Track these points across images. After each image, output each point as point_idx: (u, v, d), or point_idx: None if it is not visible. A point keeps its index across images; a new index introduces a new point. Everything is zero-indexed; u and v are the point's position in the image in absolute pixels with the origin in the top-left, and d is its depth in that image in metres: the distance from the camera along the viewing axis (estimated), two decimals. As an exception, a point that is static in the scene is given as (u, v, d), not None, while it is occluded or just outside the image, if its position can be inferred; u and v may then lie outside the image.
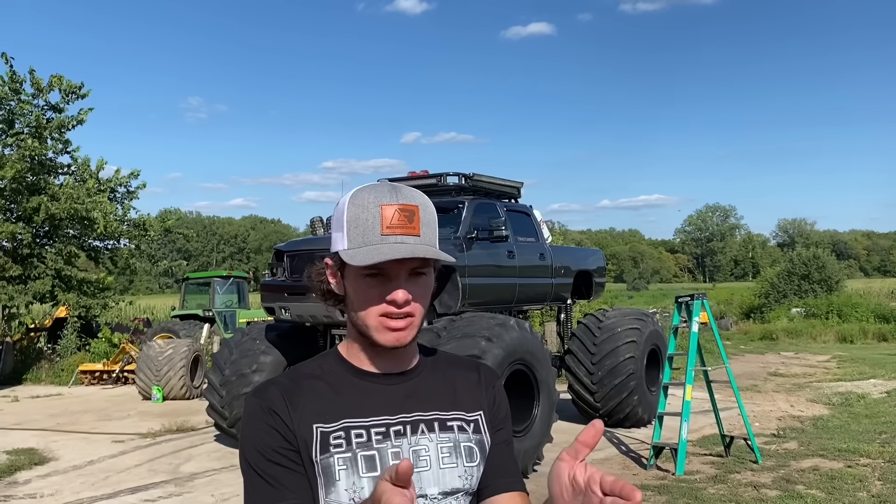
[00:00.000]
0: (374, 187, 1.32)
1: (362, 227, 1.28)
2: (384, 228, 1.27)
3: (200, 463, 8.16)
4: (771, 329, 26.36)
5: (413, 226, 1.28)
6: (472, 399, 1.41)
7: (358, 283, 1.31)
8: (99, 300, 17.59)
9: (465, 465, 1.34)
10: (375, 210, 1.28)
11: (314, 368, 1.38)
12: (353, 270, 1.30)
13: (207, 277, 19.36)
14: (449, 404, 1.38)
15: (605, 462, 7.96)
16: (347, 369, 1.37)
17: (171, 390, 12.77)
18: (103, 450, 8.90)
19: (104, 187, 18.31)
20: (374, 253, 1.25)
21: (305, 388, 1.33)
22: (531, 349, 7.46)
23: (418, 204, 1.31)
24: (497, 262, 8.77)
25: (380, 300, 1.29)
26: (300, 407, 1.30)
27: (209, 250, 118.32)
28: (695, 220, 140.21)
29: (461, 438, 1.35)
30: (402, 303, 1.28)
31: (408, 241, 1.27)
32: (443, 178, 9.07)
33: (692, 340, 7.76)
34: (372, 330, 1.30)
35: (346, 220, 1.30)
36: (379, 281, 1.29)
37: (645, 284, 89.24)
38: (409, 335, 1.31)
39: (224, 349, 9.01)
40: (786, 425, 9.64)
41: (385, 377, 1.35)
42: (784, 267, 35.50)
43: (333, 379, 1.35)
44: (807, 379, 14.50)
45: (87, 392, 14.40)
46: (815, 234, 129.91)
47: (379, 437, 1.29)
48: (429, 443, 1.32)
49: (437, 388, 1.39)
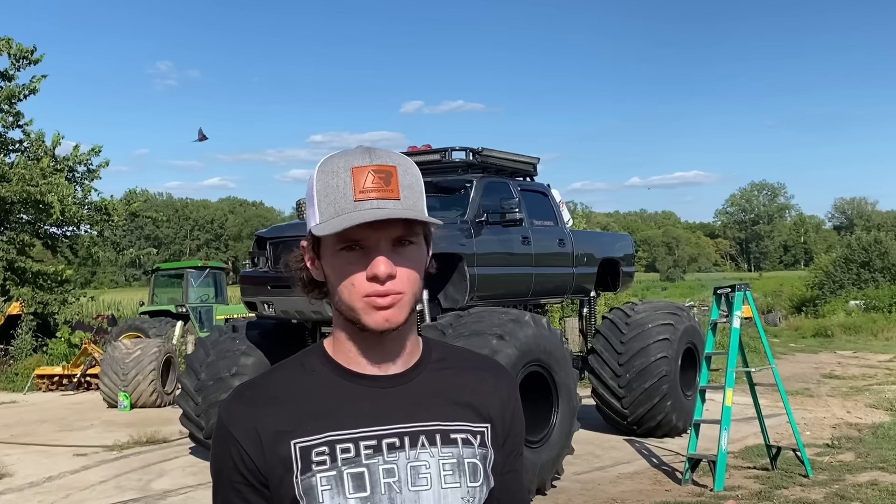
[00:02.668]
0: (344, 153, 1.30)
1: (332, 195, 1.26)
2: (357, 193, 1.25)
3: (174, 479, 8.23)
4: (825, 324, 26.32)
5: (391, 188, 1.26)
6: (482, 407, 1.39)
7: (336, 260, 1.28)
8: (57, 295, 17.69)
9: (469, 485, 1.32)
10: (346, 175, 1.26)
11: (295, 368, 1.37)
12: (328, 247, 1.29)
13: (180, 268, 19.44)
14: (453, 411, 1.35)
15: (635, 476, 8.00)
16: (334, 369, 1.34)
17: (139, 397, 12.84)
18: (63, 464, 8.98)
19: (61, 166, 18.37)
20: (348, 219, 1.22)
21: (282, 396, 1.32)
22: (549, 348, 7.48)
23: (396, 164, 1.28)
24: (510, 250, 8.78)
25: (361, 277, 1.26)
26: (272, 423, 1.29)
27: (182, 237, 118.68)
28: (738, 199, 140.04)
29: (465, 454, 1.33)
30: (384, 277, 1.24)
31: (386, 206, 1.24)
32: (448, 153, 9.07)
33: (733, 338, 7.77)
34: (359, 312, 1.27)
35: (315, 192, 1.29)
36: (358, 255, 1.27)
37: (681, 274, 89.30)
38: (399, 314, 1.27)
39: (199, 350, 9.05)
40: (841, 434, 9.66)
41: (379, 379, 1.33)
42: (841, 253, 35.43)
43: (317, 381, 1.33)
44: (866, 381, 14.50)
45: (44, 399, 14.49)
46: (878, 215, 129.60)
47: (369, 452, 1.27)
48: (430, 458, 1.30)
49: (441, 390, 1.36)
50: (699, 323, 10.72)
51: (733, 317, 7.88)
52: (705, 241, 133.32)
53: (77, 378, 15.29)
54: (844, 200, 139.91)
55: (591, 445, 9.12)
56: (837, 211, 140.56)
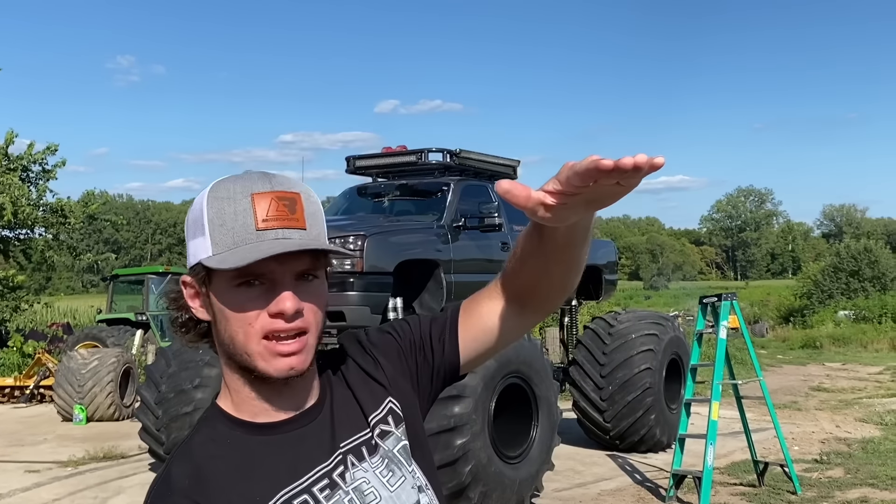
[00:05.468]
0: (239, 177, 1.25)
1: (230, 224, 1.20)
2: (259, 222, 1.19)
3: (132, 497, 8.15)
4: (814, 335, 26.61)
5: (296, 217, 1.21)
6: (372, 386, 1.39)
7: (230, 297, 1.21)
8: (9, 302, 17.50)
9: (409, 469, 1.33)
10: (245, 201, 1.20)
11: (206, 445, 1.28)
12: (222, 283, 1.21)
13: (140, 274, 19.28)
14: (363, 415, 1.35)
15: (617, 493, 8.03)
16: (245, 429, 1.28)
17: (96, 410, 12.72)
18: (14, 481, 8.86)
19: (14, 165, 18.19)
20: (253, 251, 1.16)
21: (213, 482, 1.24)
22: (528, 359, 7.49)
23: (299, 191, 1.24)
24: (489, 256, 8.79)
25: (262, 315, 1.20)
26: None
27: (143, 241, 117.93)
28: (724, 205, 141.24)
29: (389, 445, 1.34)
30: (291, 313, 1.19)
31: (291, 236, 1.20)
32: (424, 154, 9.08)
33: (719, 349, 7.82)
34: (256, 358, 1.21)
35: (206, 220, 1.22)
36: (258, 292, 1.20)
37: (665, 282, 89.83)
38: (304, 359, 1.23)
39: (160, 360, 8.99)
40: (830, 449, 9.75)
41: (294, 421, 1.30)
42: (830, 262, 35.92)
43: (235, 449, 1.26)
44: (855, 394, 14.67)
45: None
46: (867, 222, 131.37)
47: (327, 493, 1.26)
48: (365, 473, 1.30)
49: (347, 401, 1.36)
50: (684, 333, 10.78)
51: (719, 327, 7.92)
52: (690, 249, 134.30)
53: (30, 390, 15.12)
54: (833, 207, 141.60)
55: (571, 461, 9.13)
56: (826, 218, 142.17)
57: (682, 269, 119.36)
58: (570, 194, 1.10)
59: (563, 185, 1.09)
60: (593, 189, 1.08)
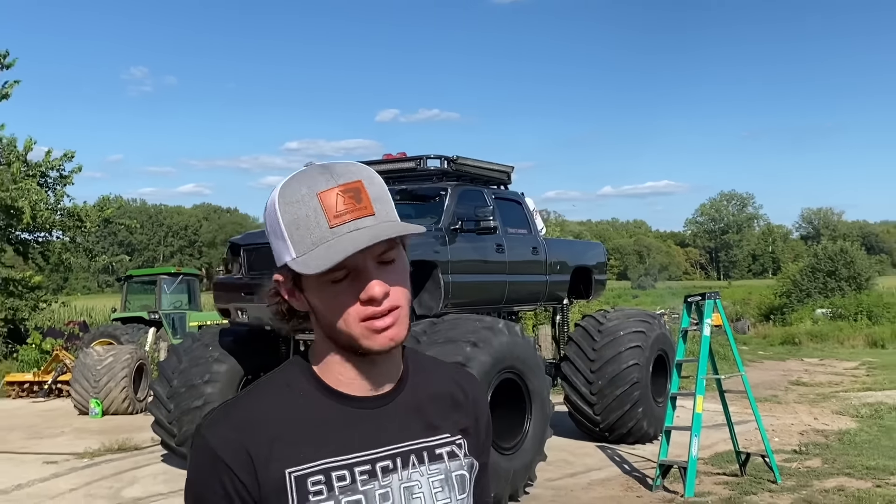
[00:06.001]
0: (301, 177, 1.24)
1: (305, 226, 1.21)
2: (331, 220, 1.20)
3: (145, 486, 8.13)
4: (793, 332, 26.64)
5: (363, 205, 1.21)
6: (458, 417, 1.39)
7: (323, 292, 1.23)
8: (28, 301, 17.47)
9: (458, 497, 1.32)
10: (314, 202, 1.20)
11: (281, 389, 1.29)
12: (311, 281, 1.23)
13: (153, 275, 19.26)
14: (433, 426, 1.34)
15: (607, 482, 8.02)
16: (323, 391, 1.29)
17: (111, 404, 12.69)
18: (33, 472, 8.84)
19: (33, 171, 18.16)
20: (331, 252, 1.17)
21: (272, 420, 1.25)
22: (522, 356, 7.49)
23: (360, 178, 1.23)
24: (484, 257, 8.79)
25: (356, 304, 1.22)
26: (264, 449, 1.22)
27: (155, 244, 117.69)
28: (708, 209, 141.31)
29: (452, 467, 1.32)
30: (381, 297, 1.21)
31: (364, 225, 1.20)
32: (423, 161, 9.08)
33: (703, 345, 7.83)
34: (359, 339, 1.23)
35: (283, 225, 1.22)
36: (347, 283, 1.22)
37: (652, 282, 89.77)
38: (401, 331, 1.25)
39: (172, 357, 8.97)
40: (808, 440, 9.76)
41: (369, 400, 1.29)
42: (808, 262, 35.92)
43: (307, 405, 1.27)
44: (833, 388, 14.69)
45: (14, 406, 14.26)
46: (843, 225, 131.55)
47: (364, 478, 1.24)
48: (420, 477, 1.28)
49: (422, 405, 1.34)
50: (670, 331, 10.79)
51: (703, 325, 7.93)
52: (676, 250, 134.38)
53: (48, 385, 15.08)
54: (811, 211, 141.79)
55: (563, 452, 9.12)
56: (805, 221, 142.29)
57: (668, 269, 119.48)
58: None
59: None
60: None
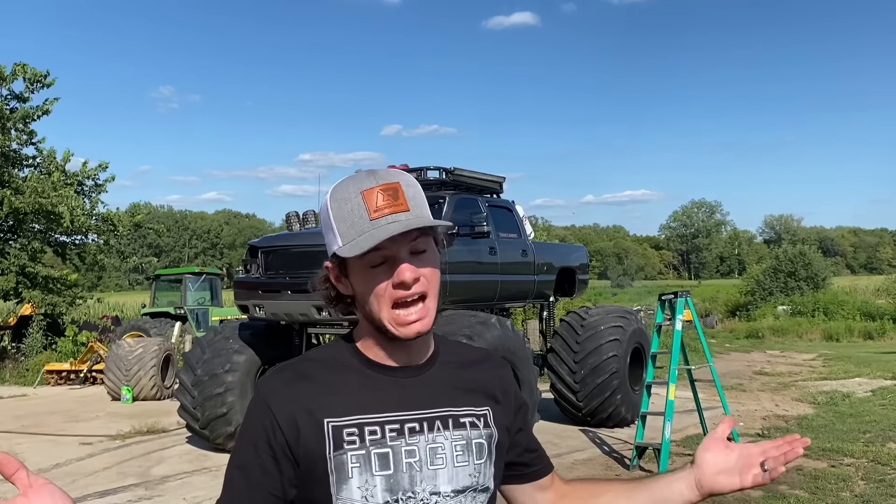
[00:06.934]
0: (349, 178, 1.33)
1: (349, 219, 1.28)
2: (372, 213, 1.27)
3: (172, 465, 8.12)
4: (757, 327, 26.69)
5: (399, 202, 1.29)
6: (484, 392, 1.43)
7: (364, 277, 1.31)
8: (65, 297, 17.43)
9: (476, 462, 1.36)
10: (358, 199, 1.29)
11: (328, 359, 1.38)
12: (357, 267, 1.31)
13: (179, 274, 19.24)
14: (460, 399, 1.39)
15: (588, 462, 8.02)
16: (363, 362, 1.37)
17: (141, 391, 12.69)
18: (70, 452, 8.83)
19: (71, 180, 18.12)
20: (370, 239, 1.25)
21: (318, 380, 1.34)
22: (513, 348, 7.50)
23: (399, 180, 1.31)
24: (478, 259, 8.80)
25: (388, 286, 1.29)
26: (308, 401, 1.30)
27: (181, 246, 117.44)
28: (680, 216, 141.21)
29: (472, 435, 1.37)
30: (410, 281, 1.28)
31: (399, 218, 1.28)
32: (423, 172, 9.09)
33: (675, 339, 7.84)
34: (388, 324, 1.30)
35: (332, 219, 1.31)
36: (384, 269, 1.29)
37: (629, 281, 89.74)
38: (427, 323, 1.31)
39: (196, 348, 8.97)
40: (770, 425, 9.77)
41: (402, 370, 1.36)
42: (770, 264, 35.95)
43: (348, 371, 1.36)
44: (792, 378, 14.70)
45: (53, 393, 14.26)
46: (802, 230, 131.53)
47: (393, 434, 1.30)
48: (444, 441, 1.33)
49: (450, 381, 1.40)
50: (645, 325, 10.80)
51: (676, 320, 7.94)
52: (651, 253, 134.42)
53: (83, 373, 15.09)
54: (774, 217, 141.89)
55: (549, 435, 9.13)
56: (767, 226, 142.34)
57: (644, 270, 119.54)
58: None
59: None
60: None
